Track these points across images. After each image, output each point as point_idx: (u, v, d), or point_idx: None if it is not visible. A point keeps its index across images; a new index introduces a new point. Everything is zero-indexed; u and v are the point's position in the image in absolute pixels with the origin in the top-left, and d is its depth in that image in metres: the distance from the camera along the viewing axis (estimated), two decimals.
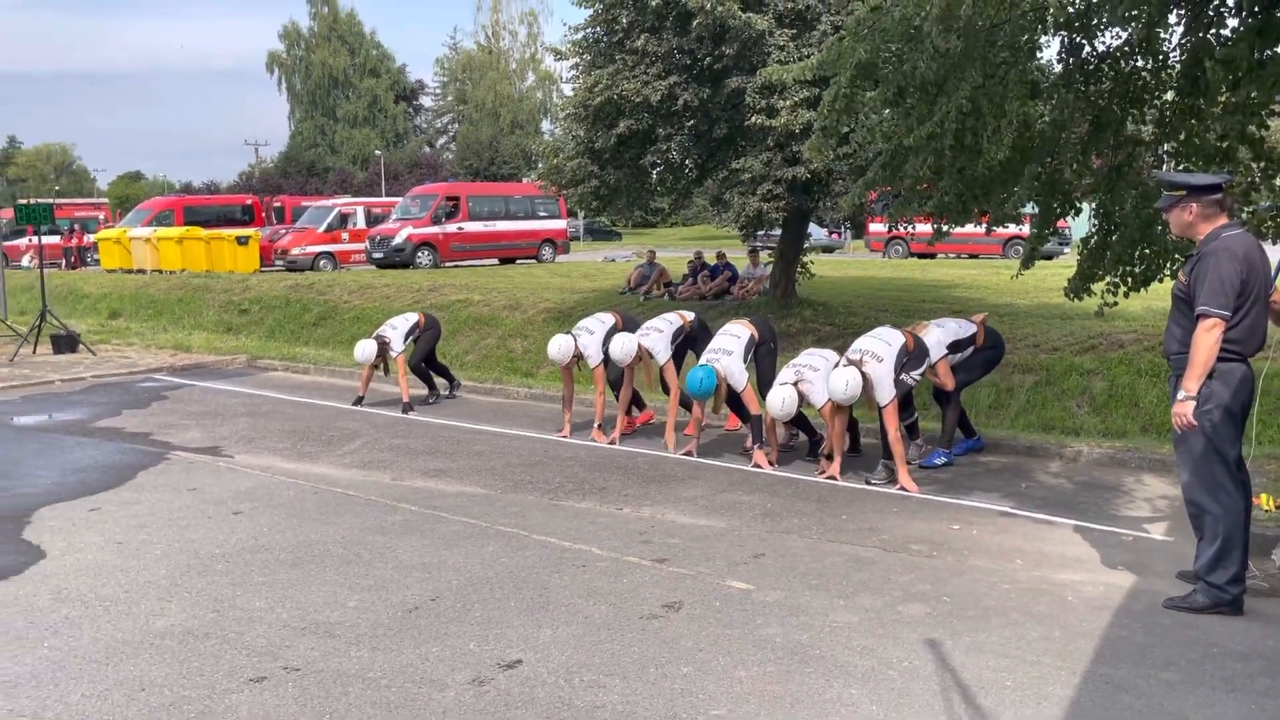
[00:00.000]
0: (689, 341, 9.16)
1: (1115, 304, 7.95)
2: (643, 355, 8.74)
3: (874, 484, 7.28)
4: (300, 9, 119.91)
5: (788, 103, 11.32)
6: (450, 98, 78.04)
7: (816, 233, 33.36)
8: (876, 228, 31.05)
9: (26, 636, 4.67)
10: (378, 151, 65.62)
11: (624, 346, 8.63)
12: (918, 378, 7.63)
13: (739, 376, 8.05)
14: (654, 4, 11.73)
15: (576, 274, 21.29)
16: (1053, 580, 5.36)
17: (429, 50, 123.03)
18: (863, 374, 7.14)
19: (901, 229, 10.12)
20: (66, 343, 14.53)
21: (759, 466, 7.87)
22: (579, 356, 8.99)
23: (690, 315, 9.29)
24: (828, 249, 36.71)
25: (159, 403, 10.96)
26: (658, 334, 8.85)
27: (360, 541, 6.05)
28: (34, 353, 14.27)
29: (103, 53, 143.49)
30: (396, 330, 10.54)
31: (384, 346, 10.45)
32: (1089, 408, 9.04)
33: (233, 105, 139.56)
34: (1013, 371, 9.72)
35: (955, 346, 7.92)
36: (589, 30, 12.87)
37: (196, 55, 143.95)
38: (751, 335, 8.32)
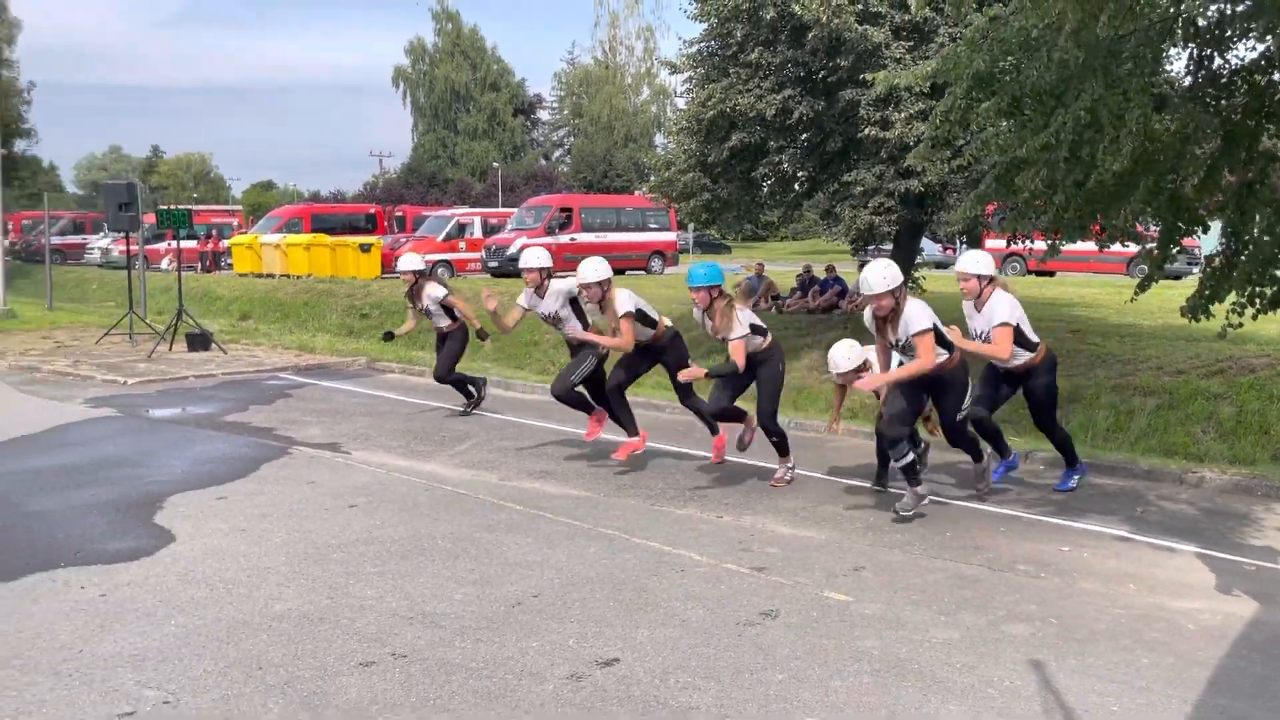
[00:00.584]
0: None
1: (1239, 325, 7.61)
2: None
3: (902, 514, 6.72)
4: (426, 25, 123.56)
5: (902, 115, 11.20)
6: (566, 111, 79.33)
7: (929, 248, 32.76)
8: (993, 243, 30.24)
9: (155, 614, 4.96)
10: (496, 163, 67.13)
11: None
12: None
13: (740, 320, 7.47)
14: (769, 18, 11.76)
15: (684, 286, 21.36)
16: (1168, 607, 5.17)
17: (547, 65, 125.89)
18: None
19: (1020, 245, 9.87)
20: (200, 341, 15.30)
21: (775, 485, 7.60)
22: None
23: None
24: (941, 265, 35.90)
25: (283, 400, 11.46)
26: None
27: (467, 538, 6.23)
28: (170, 350, 15.07)
29: (240, 68, 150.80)
30: (435, 296, 10.57)
31: (424, 281, 10.67)
32: (1215, 433, 8.66)
33: (360, 118, 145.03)
34: (1133, 394, 9.40)
35: (1019, 338, 7.03)
36: (703, 44, 12.97)
37: (326, 70, 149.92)
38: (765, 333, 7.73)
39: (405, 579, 5.47)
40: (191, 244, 30.03)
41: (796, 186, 13.46)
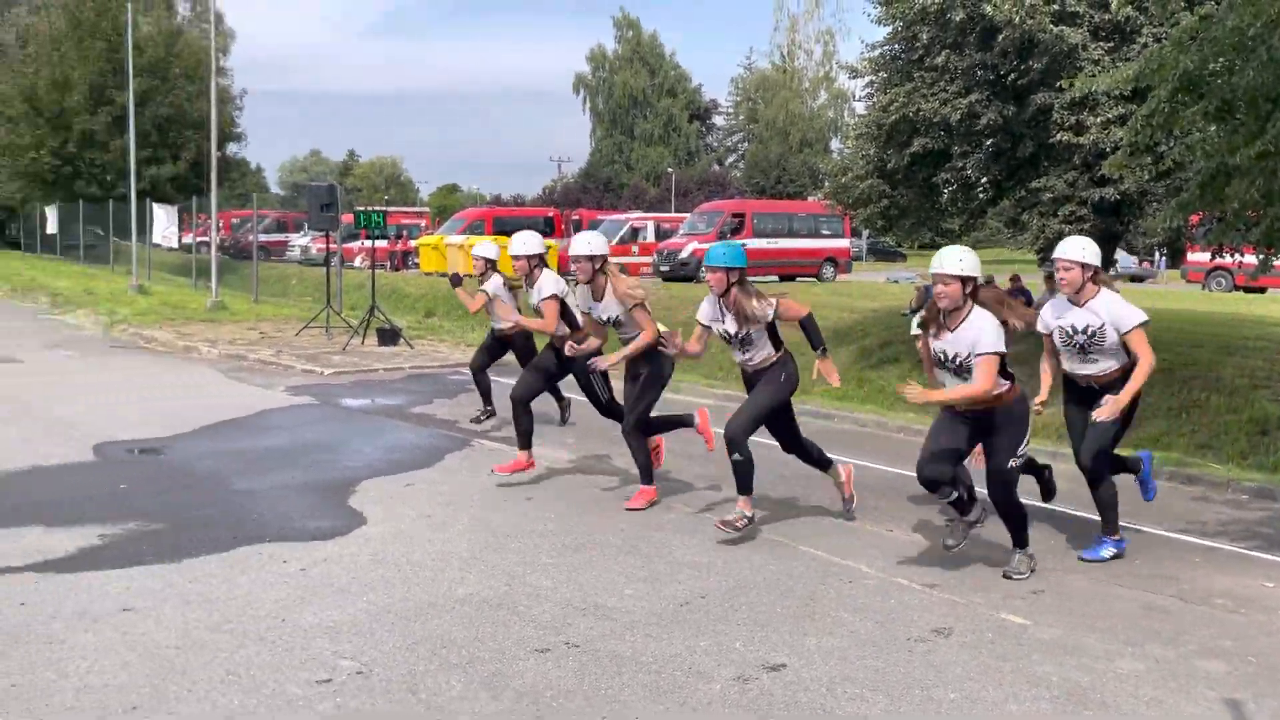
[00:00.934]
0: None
1: None
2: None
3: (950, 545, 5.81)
4: (607, 33, 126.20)
5: (1098, 119, 10.70)
6: (742, 116, 79.34)
7: (1124, 260, 31.06)
8: (1196, 257, 28.38)
9: (349, 590, 5.30)
10: (670, 169, 67.84)
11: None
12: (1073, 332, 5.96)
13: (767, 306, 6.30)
14: (957, 20, 11.46)
15: (857, 293, 21.01)
16: None
17: (724, 70, 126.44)
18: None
19: (1228, 258, 9.26)
20: (389, 336, 16.15)
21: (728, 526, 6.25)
22: None
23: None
24: (1136, 278, 34.07)
25: (465, 394, 11.95)
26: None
27: (638, 535, 6.37)
28: (362, 343, 15.97)
29: (431, 75, 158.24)
30: (503, 297, 9.40)
31: (492, 271, 9.45)
32: None
33: (540, 124, 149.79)
34: None
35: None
36: (887, 48, 12.76)
37: (511, 77, 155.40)
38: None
39: (578, 571, 5.64)
40: (383, 243, 31.69)
41: (980, 193, 13.04)
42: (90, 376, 12.54)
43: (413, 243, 32.65)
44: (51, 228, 37.44)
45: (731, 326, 6.46)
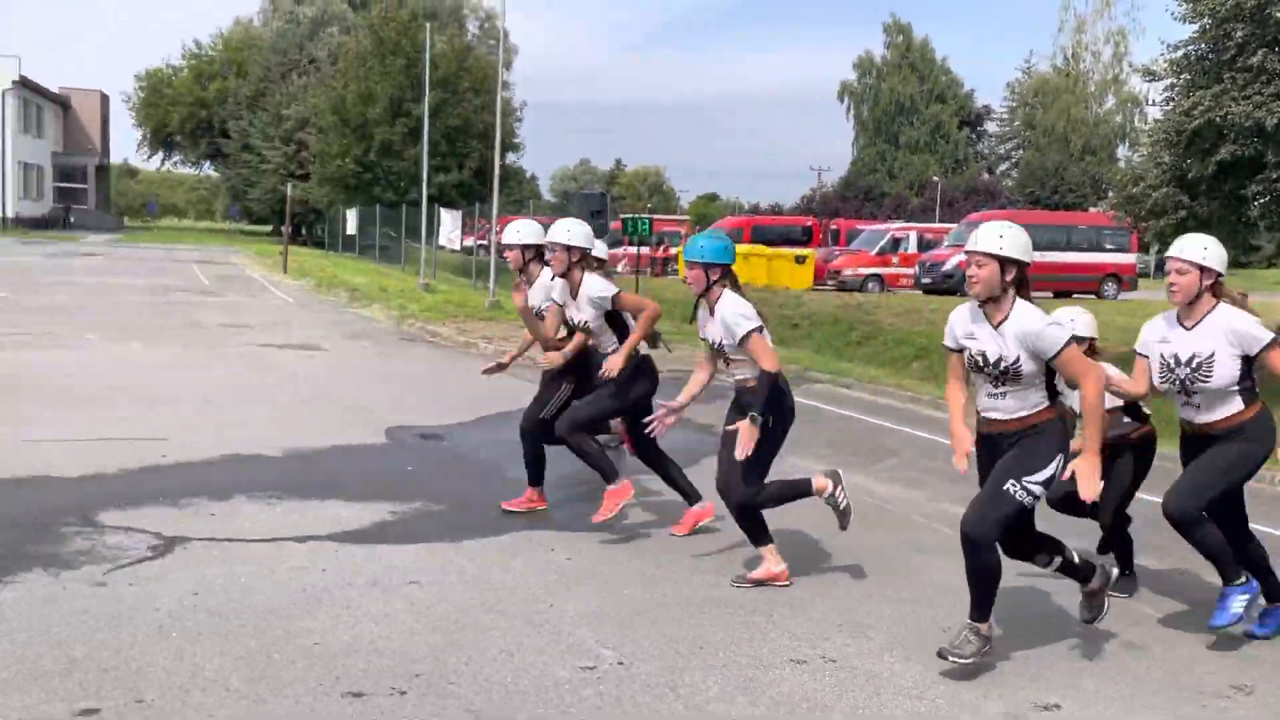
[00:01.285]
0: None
1: None
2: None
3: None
4: (875, 39, 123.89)
5: None
6: (1017, 123, 75.51)
7: None
8: None
9: (611, 581, 5.49)
10: (935, 177, 65.57)
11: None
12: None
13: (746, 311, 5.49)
14: (1278, 15, 10.39)
15: (1140, 313, 19.39)
16: None
17: (1000, 74, 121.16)
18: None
19: None
20: (651, 340, 16.56)
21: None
22: None
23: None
24: None
25: (722, 400, 11.93)
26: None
27: (896, 554, 6.20)
28: None
29: (695, 86, 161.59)
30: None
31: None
32: None
33: (801, 133, 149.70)
34: None
35: (1244, 378, 4.88)
36: (1192, 47, 11.78)
37: (772, 86, 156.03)
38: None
39: (834, 586, 5.56)
40: (645, 250, 32.64)
41: None
42: (383, 366, 13.69)
43: (673, 250, 33.39)
44: (351, 229, 41.23)
45: (710, 334, 5.63)
